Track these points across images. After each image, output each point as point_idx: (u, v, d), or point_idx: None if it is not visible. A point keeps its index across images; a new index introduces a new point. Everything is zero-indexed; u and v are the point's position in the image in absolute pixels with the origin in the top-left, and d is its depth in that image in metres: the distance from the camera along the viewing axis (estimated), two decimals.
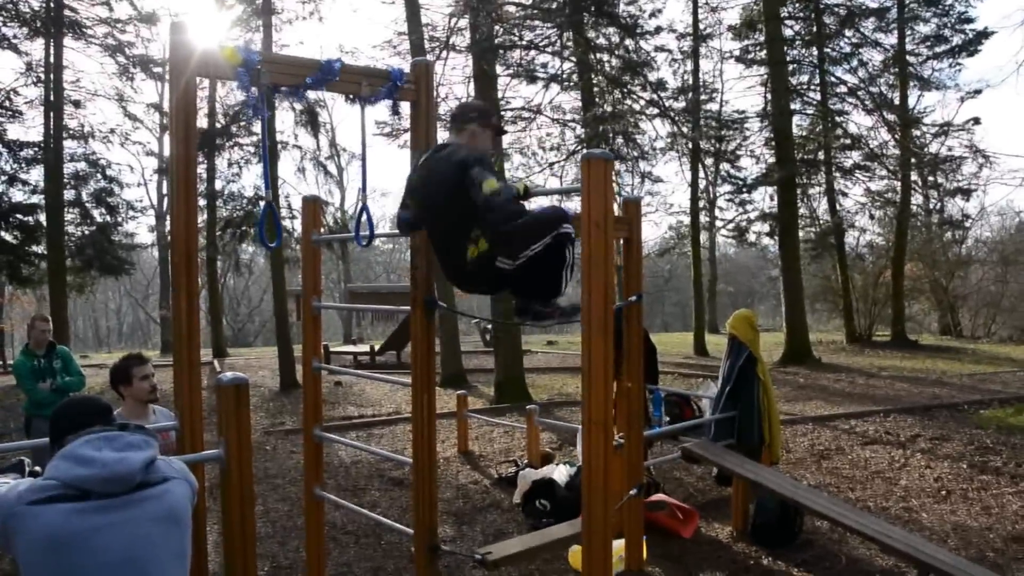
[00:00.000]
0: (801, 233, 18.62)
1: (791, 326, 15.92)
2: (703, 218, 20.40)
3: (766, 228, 18.34)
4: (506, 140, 14.97)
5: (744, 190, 17.84)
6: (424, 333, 3.75)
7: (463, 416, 8.25)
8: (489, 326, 25.11)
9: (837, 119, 17.21)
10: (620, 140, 13.99)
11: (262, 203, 3.35)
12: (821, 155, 17.69)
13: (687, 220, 19.88)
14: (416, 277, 3.70)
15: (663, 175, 54.31)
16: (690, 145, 16.96)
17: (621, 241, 4.62)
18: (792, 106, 16.33)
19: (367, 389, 13.19)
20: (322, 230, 4.77)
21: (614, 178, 3.77)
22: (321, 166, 17.37)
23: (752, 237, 19.35)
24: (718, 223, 21.21)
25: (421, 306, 3.73)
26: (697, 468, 6.77)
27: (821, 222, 20.10)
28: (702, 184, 19.99)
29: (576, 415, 9.95)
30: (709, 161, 19.57)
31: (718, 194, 20.65)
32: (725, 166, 18.43)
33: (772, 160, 16.72)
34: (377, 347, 18.26)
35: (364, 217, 3.76)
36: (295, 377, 12.95)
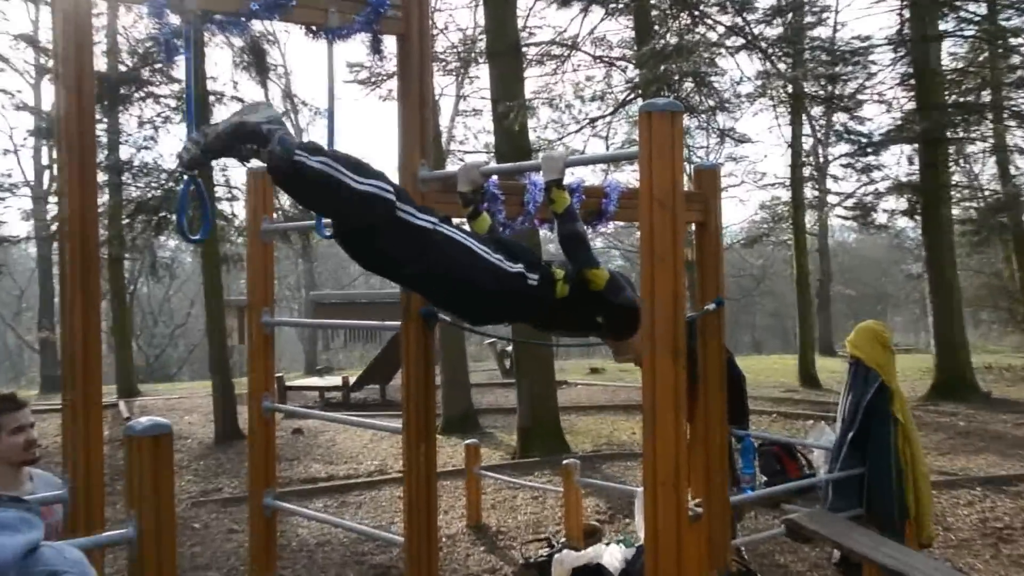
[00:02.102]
0: (956, 210, 18.47)
1: (942, 344, 15.77)
2: (809, 192, 20.34)
3: (902, 204, 18.16)
4: (530, 87, 15.06)
5: (869, 151, 17.69)
6: (421, 358, 3.77)
7: (474, 475, 8.26)
8: (510, 347, 25.28)
9: (1011, 41, 16.88)
10: (689, 84, 13.97)
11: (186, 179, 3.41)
12: (986, 96, 17.42)
13: (785, 195, 19.82)
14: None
15: (751, 132, 54.36)
16: (789, 88, 16.88)
17: (692, 226, 4.60)
18: (941, 26, 16.11)
19: (340, 438, 13.30)
20: (274, 216, 4.81)
21: (683, 138, 3.80)
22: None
23: (881, 218, 19.23)
24: (831, 198, 21.11)
25: (417, 320, 3.74)
26: (809, 550, 6.70)
27: (986, 193, 19.88)
28: (807, 144, 19.92)
29: (632, 473, 9.94)
30: (817, 111, 19.49)
31: (830, 157, 20.55)
32: (841, 117, 18.29)
33: (910, 107, 16.56)
34: (353, 379, 18.40)
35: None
36: (237, 424, 13.04)
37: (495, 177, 3.84)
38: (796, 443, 6.83)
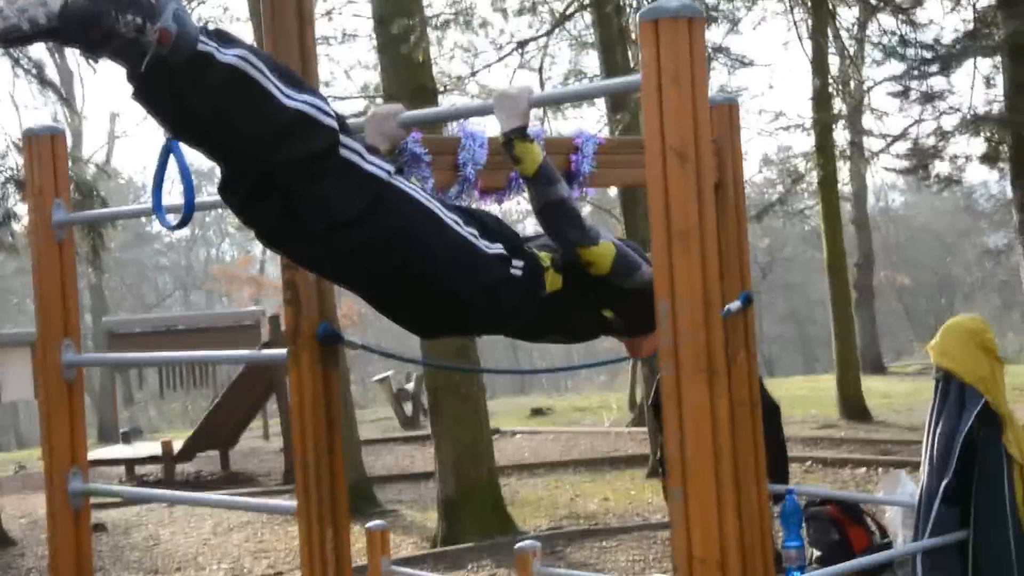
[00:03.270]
0: None
1: None
2: (841, 136, 20.60)
3: (977, 147, 18.44)
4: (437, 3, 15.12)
5: (929, 70, 17.95)
6: (320, 402, 3.77)
7: (385, 574, 8.23)
8: (409, 385, 25.18)
9: None
10: None
11: None
12: None
13: (807, 141, 20.06)
14: (296, 289, 3.70)
15: (754, 52, 54.98)
16: None
17: None
18: None
19: (165, 534, 13.23)
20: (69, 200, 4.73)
21: (706, 58, 3.77)
22: (26, 67, 17.13)
23: (945, 169, 19.40)
24: (871, 143, 21.37)
25: (311, 346, 3.73)
26: None
27: None
28: (834, 66, 20.18)
29: (610, 556, 10.06)
30: (849, 15, 19.79)
31: (868, 83, 20.83)
32: (883, 21, 18.58)
33: (987, 1, 16.80)
34: (178, 444, 18.21)
35: (167, 167, 3.75)
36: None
37: (416, 131, 3.84)
38: (861, 500, 6.97)
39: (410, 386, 25.22)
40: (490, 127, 4.03)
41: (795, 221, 27.99)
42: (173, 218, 3.88)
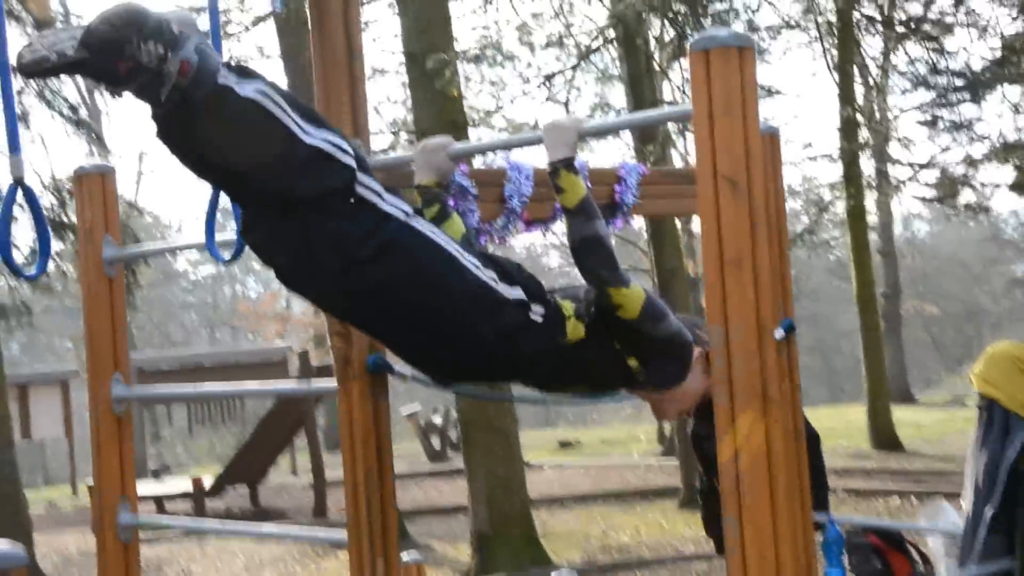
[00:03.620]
0: None
1: None
2: (868, 165, 20.58)
3: (1007, 175, 18.33)
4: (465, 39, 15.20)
5: (957, 97, 17.92)
6: (371, 433, 3.79)
7: None
8: (437, 419, 25.20)
9: None
10: (682, 7, 14.11)
11: None
12: None
13: (834, 171, 20.05)
14: (343, 326, 3.71)
15: (779, 81, 54.98)
16: (835, 9, 17.14)
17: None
18: None
19: (196, 569, 13.24)
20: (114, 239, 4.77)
21: (756, 88, 3.75)
22: (60, 109, 17.28)
23: (972, 197, 19.27)
24: (899, 172, 21.33)
25: (362, 377, 3.75)
26: None
27: None
28: (860, 95, 20.19)
29: None
30: (874, 43, 19.81)
31: (894, 111, 20.81)
32: (912, 50, 18.53)
33: (1015, 29, 16.74)
34: (208, 480, 18.29)
35: (219, 201, 3.80)
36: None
37: (462, 163, 3.88)
38: (904, 528, 6.89)
39: (438, 420, 25.24)
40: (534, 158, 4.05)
41: (820, 252, 27.96)
42: (225, 252, 3.95)
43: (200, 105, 2.80)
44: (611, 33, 16.31)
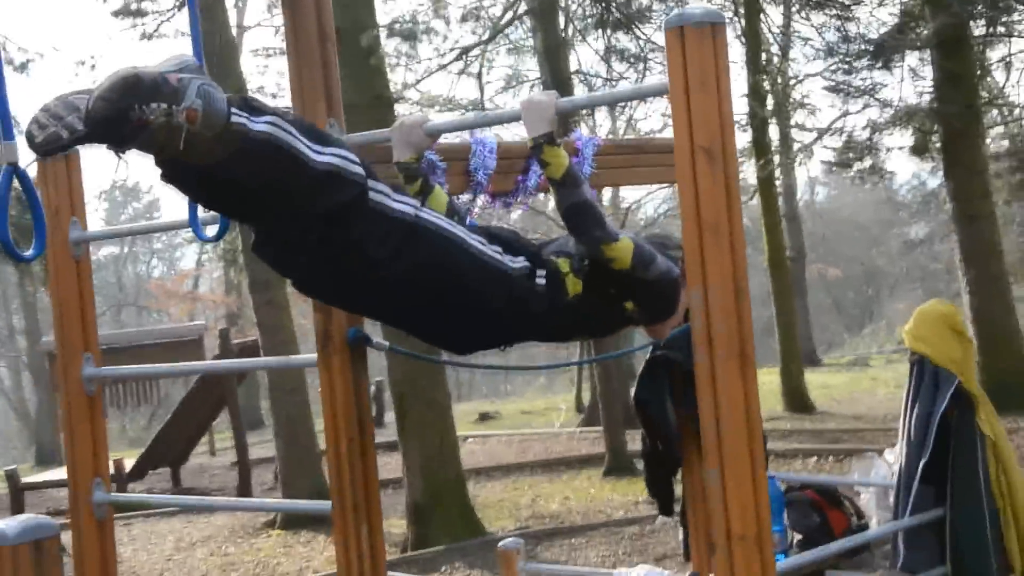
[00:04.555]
0: (1005, 142, 18.99)
1: (986, 332, 15.83)
2: (774, 131, 20.89)
3: (904, 140, 18.76)
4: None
5: (859, 64, 18.22)
6: (351, 406, 3.88)
7: None
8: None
9: None
10: None
11: None
12: None
13: (743, 138, 20.32)
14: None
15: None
16: None
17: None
18: None
19: (127, 553, 13.15)
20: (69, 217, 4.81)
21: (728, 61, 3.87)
22: None
23: (871, 162, 19.64)
24: (801, 137, 21.68)
25: (342, 351, 3.86)
26: None
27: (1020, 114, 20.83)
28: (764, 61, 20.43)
29: (580, 553, 10.21)
30: (776, 12, 20.11)
31: (793, 76, 21.10)
32: (813, 17, 18.81)
33: None
34: (129, 463, 18.10)
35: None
36: None
37: None
38: (839, 483, 7.15)
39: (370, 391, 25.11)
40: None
41: None
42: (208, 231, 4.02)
43: (213, 145, 2.90)
44: (523, 6, 16.51)
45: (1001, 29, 18.06)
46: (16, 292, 38.58)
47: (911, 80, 18.49)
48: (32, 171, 3.91)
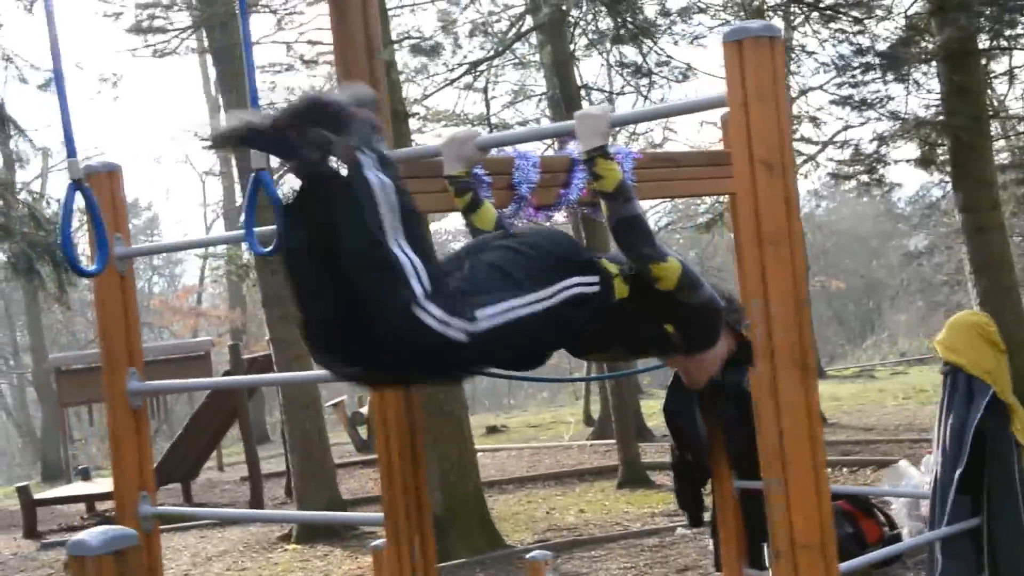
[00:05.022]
0: (1006, 155, 18.94)
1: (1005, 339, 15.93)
2: None
3: (908, 152, 18.85)
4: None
5: (867, 77, 18.24)
6: (403, 414, 3.93)
7: None
8: (363, 409, 25.15)
9: None
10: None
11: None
12: None
13: None
14: None
15: (692, 59, 55.15)
16: None
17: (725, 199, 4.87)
18: None
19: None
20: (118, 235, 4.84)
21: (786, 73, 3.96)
22: None
23: (873, 174, 19.61)
24: (805, 148, 21.61)
25: None
26: None
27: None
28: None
29: (602, 565, 10.20)
30: (780, 23, 20.14)
31: (799, 87, 21.07)
32: (817, 30, 18.79)
33: (918, 7, 17.10)
34: None
35: (256, 194, 3.89)
36: None
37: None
38: (871, 493, 7.18)
39: (364, 410, 25.14)
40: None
41: (725, 231, 28.25)
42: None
43: (341, 183, 3.09)
44: (529, 21, 16.58)
45: (1004, 43, 18.18)
46: (21, 309, 38.66)
47: (915, 92, 18.37)
48: None
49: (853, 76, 17.98)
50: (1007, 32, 17.73)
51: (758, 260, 3.29)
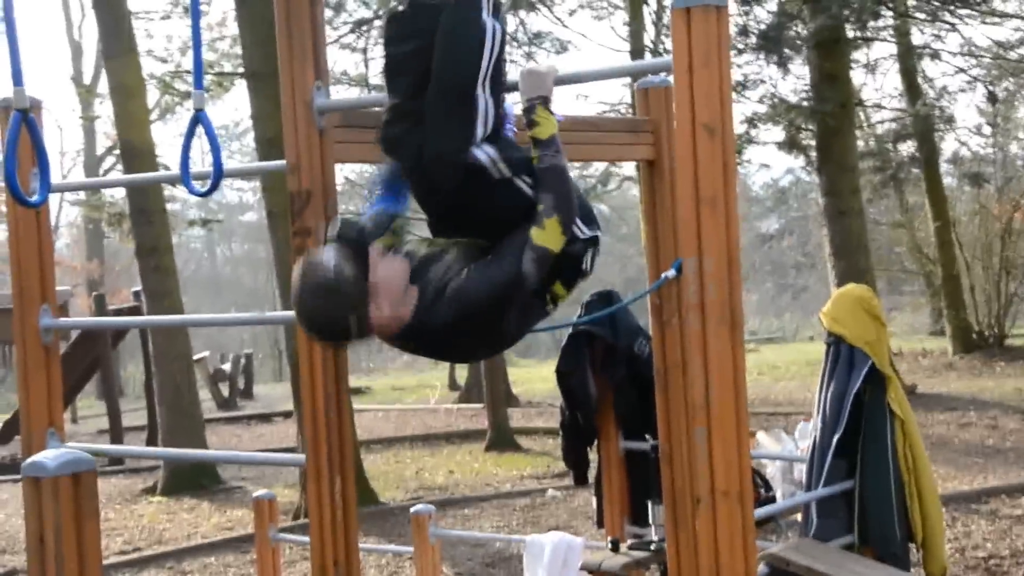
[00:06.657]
0: (860, 143, 19.64)
1: None
2: None
3: (774, 133, 19.27)
4: None
5: (744, 60, 18.62)
6: (332, 360, 3.95)
7: (270, 541, 8.27)
8: (226, 366, 24.91)
9: None
10: None
11: None
12: None
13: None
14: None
15: (570, 34, 55.06)
16: None
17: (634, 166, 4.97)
18: None
19: (1, 515, 12.87)
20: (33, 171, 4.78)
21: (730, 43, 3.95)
22: None
23: (752, 153, 20.26)
24: None
25: None
26: None
27: (888, 115, 21.55)
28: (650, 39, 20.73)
29: (473, 523, 10.33)
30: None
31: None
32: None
33: None
34: None
35: (194, 135, 3.89)
36: None
37: None
38: (753, 456, 7.37)
39: (227, 367, 24.99)
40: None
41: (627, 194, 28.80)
42: (199, 185, 4.05)
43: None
44: None
45: (869, 34, 18.79)
46: None
47: (782, 78, 18.87)
48: None
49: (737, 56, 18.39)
50: (870, 23, 18.42)
51: (694, 220, 3.41)
